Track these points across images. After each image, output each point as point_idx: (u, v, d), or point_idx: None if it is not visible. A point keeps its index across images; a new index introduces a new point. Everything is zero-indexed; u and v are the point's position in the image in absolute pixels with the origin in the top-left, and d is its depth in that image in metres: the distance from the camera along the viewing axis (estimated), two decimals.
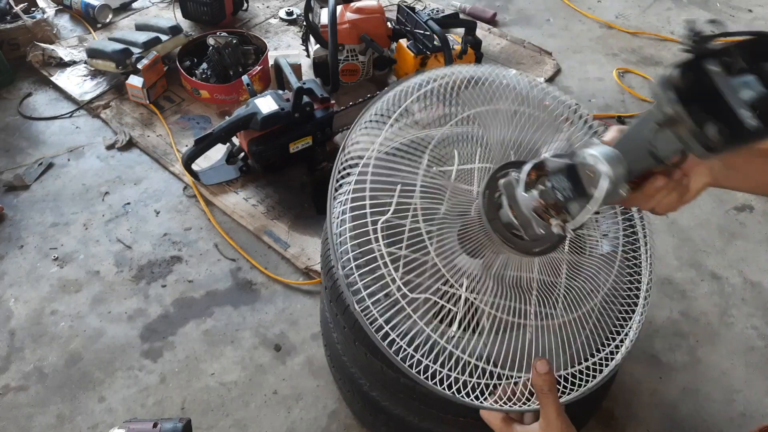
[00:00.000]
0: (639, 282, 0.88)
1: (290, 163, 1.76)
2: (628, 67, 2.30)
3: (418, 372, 0.76)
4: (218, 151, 1.74)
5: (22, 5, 2.17)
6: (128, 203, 1.71)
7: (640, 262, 0.90)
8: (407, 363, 0.77)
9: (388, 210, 0.78)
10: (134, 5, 2.47)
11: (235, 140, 1.74)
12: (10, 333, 1.41)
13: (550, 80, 2.23)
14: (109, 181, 1.77)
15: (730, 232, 1.72)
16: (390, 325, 0.77)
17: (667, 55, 2.38)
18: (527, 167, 0.70)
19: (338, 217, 0.82)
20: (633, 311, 0.86)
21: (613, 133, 0.68)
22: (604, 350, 0.82)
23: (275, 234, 1.62)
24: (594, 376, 0.80)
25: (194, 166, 1.68)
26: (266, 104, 1.63)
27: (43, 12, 2.21)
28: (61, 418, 1.27)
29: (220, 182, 1.74)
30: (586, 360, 0.80)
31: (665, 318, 1.50)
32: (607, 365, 0.81)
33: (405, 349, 0.77)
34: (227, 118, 1.65)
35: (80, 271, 1.54)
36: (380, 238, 0.77)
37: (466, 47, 1.99)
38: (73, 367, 1.35)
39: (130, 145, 1.88)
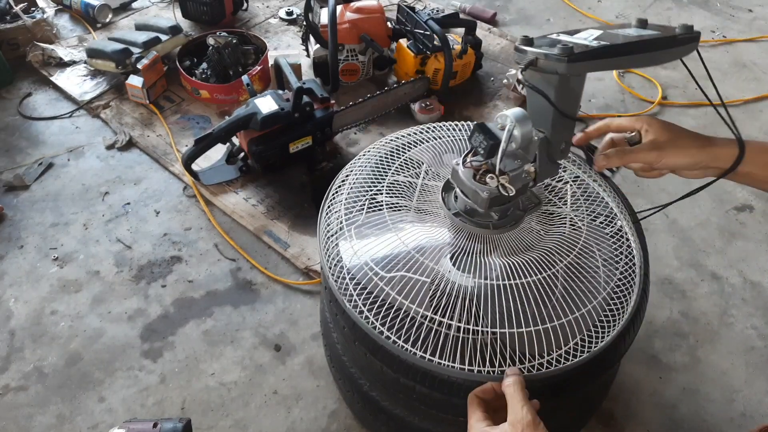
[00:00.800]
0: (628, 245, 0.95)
1: (290, 163, 1.76)
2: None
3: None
4: (218, 151, 1.74)
5: (21, 5, 2.17)
6: (128, 203, 1.71)
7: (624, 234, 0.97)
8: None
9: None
10: (134, 5, 2.47)
11: (235, 140, 1.74)
12: (10, 333, 1.41)
13: None
14: (109, 181, 1.77)
15: (730, 232, 1.72)
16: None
17: None
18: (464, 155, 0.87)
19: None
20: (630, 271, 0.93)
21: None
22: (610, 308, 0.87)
23: (275, 234, 1.62)
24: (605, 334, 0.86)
25: (194, 166, 1.68)
26: (266, 104, 1.63)
27: (43, 12, 2.21)
28: (61, 418, 1.27)
29: (220, 182, 1.74)
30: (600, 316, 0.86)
31: (665, 318, 1.50)
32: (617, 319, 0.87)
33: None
34: (227, 118, 1.65)
35: (80, 271, 1.54)
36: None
37: (466, 47, 1.99)
38: (73, 367, 1.35)
39: (130, 145, 1.88)
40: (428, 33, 1.93)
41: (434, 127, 1.09)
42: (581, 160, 1.05)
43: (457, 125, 1.08)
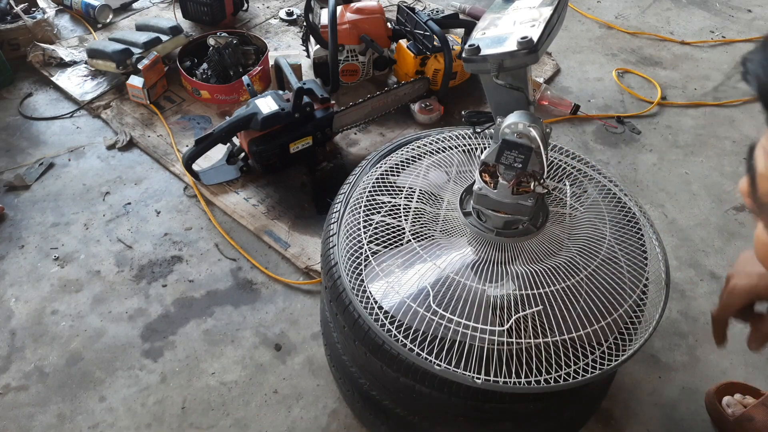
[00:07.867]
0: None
1: (290, 163, 1.76)
2: (627, 68, 2.30)
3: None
4: (219, 152, 1.74)
5: (22, 5, 2.17)
6: (129, 203, 1.71)
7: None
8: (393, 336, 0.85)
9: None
10: (135, 5, 2.48)
11: (236, 140, 1.74)
12: (11, 333, 1.41)
13: (550, 81, 2.23)
14: (109, 181, 1.77)
15: (729, 231, 1.72)
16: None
17: (666, 55, 2.38)
18: (477, 175, 0.83)
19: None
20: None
21: None
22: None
23: (275, 234, 1.63)
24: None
25: (195, 166, 1.69)
26: (266, 104, 1.64)
27: (44, 12, 2.21)
28: (62, 418, 1.28)
29: (221, 182, 1.74)
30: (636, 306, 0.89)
31: (664, 317, 1.49)
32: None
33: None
34: (227, 118, 1.65)
35: (81, 270, 1.54)
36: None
37: None
38: (73, 366, 1.36)
39: (130, 145, 1.88)
40: (428, 34, 1.93)
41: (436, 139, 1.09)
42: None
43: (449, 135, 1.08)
